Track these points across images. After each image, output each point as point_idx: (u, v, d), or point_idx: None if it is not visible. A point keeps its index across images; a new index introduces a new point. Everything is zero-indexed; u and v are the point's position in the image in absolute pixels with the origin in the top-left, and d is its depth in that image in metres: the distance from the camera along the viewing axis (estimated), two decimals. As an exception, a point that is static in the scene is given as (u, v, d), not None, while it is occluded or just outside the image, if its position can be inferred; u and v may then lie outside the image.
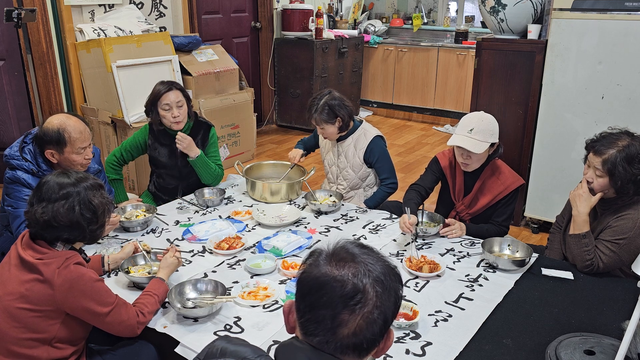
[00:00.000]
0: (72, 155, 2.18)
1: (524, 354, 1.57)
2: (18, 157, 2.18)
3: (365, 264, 0.97)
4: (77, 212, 1.58)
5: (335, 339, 0.94)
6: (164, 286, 1.80)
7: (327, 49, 5.76)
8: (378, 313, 0.94)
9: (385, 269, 0.98)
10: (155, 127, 2.74)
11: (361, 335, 0.93)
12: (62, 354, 1.60)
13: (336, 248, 1.00)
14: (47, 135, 2.14)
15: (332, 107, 2.68)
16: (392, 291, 0.97)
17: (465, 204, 2.48)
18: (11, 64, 3.91)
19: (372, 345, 0.96)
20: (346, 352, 0.94)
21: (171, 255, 1.91)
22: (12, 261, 1.61)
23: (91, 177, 1.69)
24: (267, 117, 6.08)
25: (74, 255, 1.61)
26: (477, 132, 2.28)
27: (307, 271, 0.99)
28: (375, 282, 0.95)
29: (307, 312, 0.96)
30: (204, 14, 5.14)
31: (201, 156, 2.73)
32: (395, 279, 0.99)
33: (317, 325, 0.95)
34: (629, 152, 1.94)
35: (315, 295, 0.95)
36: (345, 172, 2.88)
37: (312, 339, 0.96)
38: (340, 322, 0.93)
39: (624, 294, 1.89)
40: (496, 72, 3.47)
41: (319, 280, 0.95)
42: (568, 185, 3.32)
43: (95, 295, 1.58)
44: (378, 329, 0.95)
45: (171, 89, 2.64)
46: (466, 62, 5.98)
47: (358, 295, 0.93)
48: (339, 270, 0.95)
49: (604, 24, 3.02)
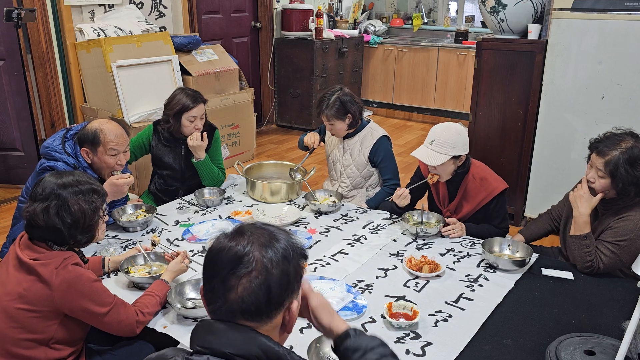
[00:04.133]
0: (105, 156, 2.27)
1: (524, 354, 1.57)
2: (60, 150, 2.25)
3: (259, 235, 1.05)
4: (52, 215, 1.55)
5: (225, 304, 1.01)
6: (166, 288, 1.79)
7: (327, 49, 5.75)
8: (262, 279, 1.00)
9: (285, 244, 1.06)
10: (167, 132, 2.77)
11: (245, 300, 1.00)
12: (60, 355, 1.60)
13: (242, 225, 1.09)
14: (85, 134, 2.26)
15: (343, 102, 2.69)
16: (282, 264, 1.03)
17: (451, 210, 2.46)
18: (11, 64, 3.91)
19: (259, 311, 1.01)
20: (236, 316, 1.02)
21: (180, 261, 1.91)
22: (10, 261, 1.61)
23: (87, 182, 1.65)
24: (267, 117, 6.08)
25: (71, 255, 1.60)
26: (437, 144, 2.26)
27: (209, 248, 1.08)
28: (264, 251, 1.03)
29: (206, 283, 1.05)
30: (203, 13, 5.14)
31: (206, 160, 2.75)
32: (292, 255, 1.06)
33: (213, 294, 1.03)
34: (632, 154, 1.93)
35: (210, 265, 1.05)
36: (349, 169, 2.88)
37: (210, 308, 1.05)
38: (229, 286, 1.01)
39: (624, 294, 1.88)
40: (496, 72, 3.46)
41: (213, 251, 1.05)
42: (568, 185, 3.29)
43: (94, 295, 1.57)
44: (262, 295, 1.00)
45: (198, 102, 2.69)
46: (466, 62, 5.98)
47: (242, 259, 1.01)
48: (232, 241, 1.04)
49: (604, 24, 3.02)
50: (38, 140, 4.04)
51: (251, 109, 4.89)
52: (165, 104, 2.74)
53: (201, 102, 2.71)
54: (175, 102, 2.68)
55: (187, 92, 2.70)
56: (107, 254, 2.11)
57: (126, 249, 2.19)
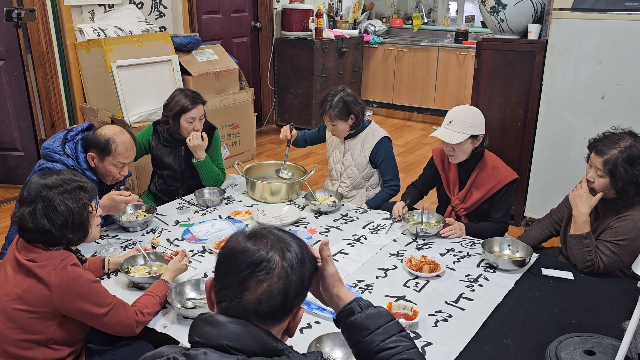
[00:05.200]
0: (110, 166, 2.27)
1: (524, 354, 1.57)
2: (60, 152, 2.23)
3: (279, 241, 1.05)
4: (40, 217, 1.54)
5: (239, 303, 1.00)
6: (166, 288, 1.79)
7: (327, 49, 5.75)
8: (281, 285, 1.01)
9: (300, 252, 1.06)
10: (166, 132, 2.78)
11: (263, 303, 1.00)
12: (59, 355, 1.60)
13: (256, 228, 1.09)
14: (96, 139, 2.25)
15: (347, 103, 2.69)
16: (299, 271, 1.04)
17: (460, 198, 2.48)
18: (11, 64, 3.91)
19: (274, 315, 1.02)
20: (249, 316, 1.01)
21: (180, 260, 1.91)
22: (9, 263, 1.61)
23: (73, 180, 1.63)
24: (267, 117, 6.08)
25: (69, 256, 1.59)
26: (455, 124, 2.32)
27: (225, 246, 1.07)
28: (284, 258, 1.03)
29: (219, 280, 1.04)
30: (203, 13, 5.14)
31: (206, 160, 2.75)
32: (307, 263, 1.07)
33: (226, 292, 1.02)
34: (631, 153, 1.93)
35: (227, 263, 1.04)
36: (349, 170, 2.88)
37: (222, 306, 1.03)
38: (246, 287, 1.00)
39: (624, 294, 1.89)
40: (496, 72, 3.46)
41: (232, 250, 1.04)
42: (568, 185, 3.30)
43: (93, 296, 1.57)
44: (280, 300, 1.01)
45: (197, 103, 2.69)
46: (466, 62, 5.98)
47: (263, 264, 1.01)
48: (252, 244, 1.04)
49: (604, 24, 3.02)
50: (38, 140, 4.04)
51: (251, 109, 4.89)
52: (165, 105, 2.74)
53: (200, 104, 2.71)
54: (174, 103, 2.68)
55: (186, 93, 2.70)
56: (107, 254, 2.11)
57: (126, 249, 2.19)
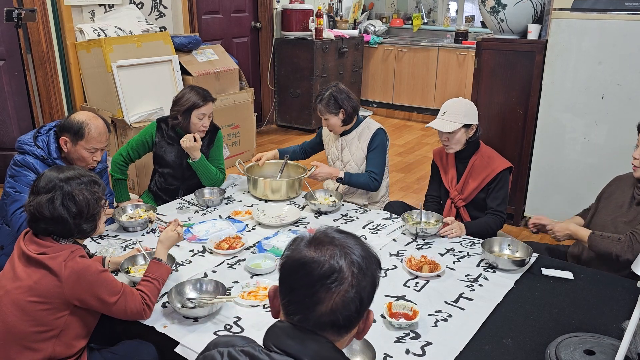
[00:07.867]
0: (83, 150, 2.28)
1: (524, 354, 1.57)
2: (31, 144, 2.28)
3: (343, 246, 1.03)
4: (58, 205, 1.60)
5: (313, 317, 0.99)
6: (163, 268, 1.82)
7: (327, 49, 5.75)
8: (354, 292, 1.00)
9: (364, 253, 1.05)
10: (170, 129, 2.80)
11: (338, 313, 0.99)
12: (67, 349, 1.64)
13: (317, 233, 1.07)
14: (69, 123, 2.27)
15: (337, 98, 2.75)
16: (368, 273, 1.03)
17: (458, 189, 2.54)
18: (11, 64, 3.91)
19: (349, 323, 1.01)
20: (324, 328, 1.00)
21: (172, 229, 1.94)
22: (18, 258, 1.64)
23: (87, 175, 1.71)
24: (267, 117, 6.08)
25: (77, 248, 1.65)
26: (449, 114, 2.46)
27: (289, 256, 1.05)
28: (352, 264, 1.01)
29: (288, 293, 1.03)
30: (204, 14, 5.14)
31: (202, 159, 2.75)
32: (373, 262, 1.06)
33: (297, 305, 1.01)
34: None
35: (295, 276, 1.02)
36: (348, 166, 2.89)
37: (293, 318, 1.01)
38: (318, 300, 0.99)
39: (624, 294, 1.89)
40: (496, 72, 3.47)
41: (298, 262, 1.02)
42: (568, 185, 3.32)
43: (103, 285, 1.62)
44: (354, 307, 1.00)
45: (208, 100, 2.74)
46: (466, 62, 5.98)
47: (334, 275, 0.99)
48: (318, 253, 1.01)
49: (604, 24, 3.02)
50: (38, 140, 4.04)
51: (251, 109, 4.89)
52: (175, 101, 2.76)
53: (210, 101, 2.77)
54: (186, 99, 2.72)
55: (198, 90, 2.75)
56: (107, 254, 2.11)
57: (126, 249, 2.19)
